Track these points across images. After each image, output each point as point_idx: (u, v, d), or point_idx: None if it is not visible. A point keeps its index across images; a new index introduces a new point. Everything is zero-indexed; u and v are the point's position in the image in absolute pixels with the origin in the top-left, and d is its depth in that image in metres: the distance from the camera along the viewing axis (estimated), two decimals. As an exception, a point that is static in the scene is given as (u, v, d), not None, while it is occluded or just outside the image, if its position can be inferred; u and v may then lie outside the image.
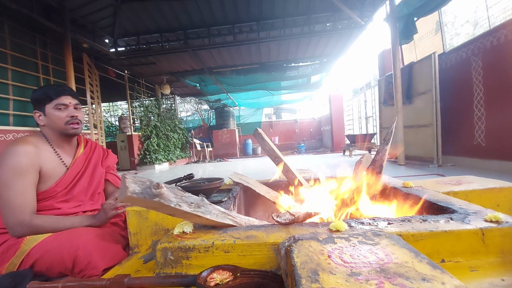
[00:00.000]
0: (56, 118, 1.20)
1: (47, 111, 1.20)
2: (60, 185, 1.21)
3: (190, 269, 0.71)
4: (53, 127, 1.22)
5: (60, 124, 1.20)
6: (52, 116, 1.20)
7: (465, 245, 0.67)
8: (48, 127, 1.22)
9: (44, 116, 1.21)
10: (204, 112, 14.68)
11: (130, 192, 0.60)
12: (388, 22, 4.65)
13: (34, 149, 1.15)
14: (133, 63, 6.88)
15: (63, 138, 1.26)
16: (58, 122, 1.20)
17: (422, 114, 4.39)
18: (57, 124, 1.20)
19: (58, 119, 1.20)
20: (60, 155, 1.25)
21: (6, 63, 4.01)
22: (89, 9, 4.75)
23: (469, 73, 3.70)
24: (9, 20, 4.06)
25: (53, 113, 1.20)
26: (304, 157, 8.51)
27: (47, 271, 1.06)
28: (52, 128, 1.22)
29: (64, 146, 1.28)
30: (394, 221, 0.76)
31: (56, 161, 1.22)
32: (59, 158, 1.24)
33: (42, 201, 1.17)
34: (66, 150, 1.29)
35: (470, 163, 3.79)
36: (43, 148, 1.20)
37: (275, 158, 1.54)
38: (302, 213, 0.86)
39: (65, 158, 1.27)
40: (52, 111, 1.20)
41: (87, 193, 1.31)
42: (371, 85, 8.49)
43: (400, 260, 0.51)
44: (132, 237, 1.14)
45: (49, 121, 1.20)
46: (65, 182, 1.22)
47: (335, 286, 0.44)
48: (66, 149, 1.28)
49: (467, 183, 1.19)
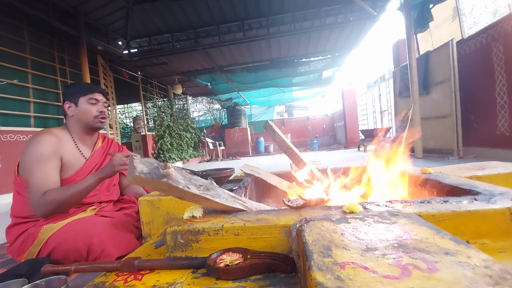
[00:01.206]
0: (87, 110, 1.29)
1: (80, 103, 1.28)
2: (79, 175, 1.26)
3: (200, 252, 0.70)
4: (80, 119, 1.29)
5: (89, 116, 1.29)
6: (84, 108, 1.28)
7: (491, 226, 0.62)
8: (75, 118, 1.29)
9: (75, 108, 1.28)
10: (216, 111, 14.78)
11: (138, 172, 0.60)
12: (402, 11, 4.49)
13: (56, 139, 1.21)
14: (146, 64, 7.01)
15: (86, 130, 1.33)
16: (88, 114, 1.29)
17: (441, 105, 4.21)
18: (86, 115, 1.29)
19: (88, 112, 1.29)
20: (80, 148, 1.32)
21: (26, 67, 4.19)
22: (102, 12, 4.87)
23: (490, 60, 3.51)
24: (28, 26, 4.24)
25: (85, 105, 1.28)
26: (318, 154, 8.40)
27: (64, 259, 1.08)
28: (79, 120, 1.29)
29: (85, 139, 1.35)
30: (413, 202, 0.72)
31: (76, 152, 1.29)
32: (78, 150, 1.30)
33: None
34: (87, 143, 1.36)
35: (494, 154, 3.59)
36: (65, 139, 1.26)
37: (286, 149, 1.51)
38: (314, 198, 0.83)
39: (85, 151, 1.34)
40: (84, 104, 1.29)
41: (103, 184, 1.35)
42: (386, 77, 8.24)
43: (420, 237, 0.48)
44: (144, 226, 1.15)
45: (79, 112, 1.28)
46: (84, 172, 1.28)
47: (349, 260, 0.41)
48: (86, 142, 1.35)
49: (491, 167, 1.12)
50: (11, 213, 1.21)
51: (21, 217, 1.17)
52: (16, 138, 3.83)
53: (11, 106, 3.92)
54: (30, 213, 1.17)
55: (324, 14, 5.54)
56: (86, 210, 1.25)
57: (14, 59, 4.00)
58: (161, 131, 7.80)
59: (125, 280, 0.63)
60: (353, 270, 0.39)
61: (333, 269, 0.39)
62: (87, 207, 1.27)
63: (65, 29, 4.45)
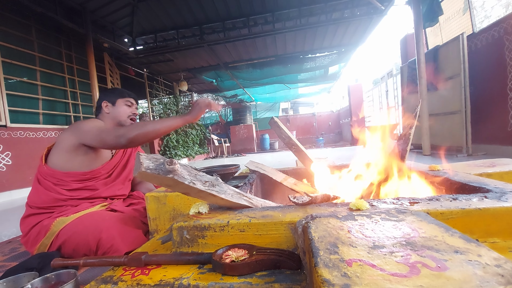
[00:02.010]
0: (123, 110, 1.45)
1: (118, 103, 1.45)
2: (105, 168, 1.35)
3: (206, 248, 0.70)
4: (115, 116, 1.44)
5: (123, 115, 1.45)
6: (121, 108, 1.45)
7: (502, 224, 0.61)
8: (110, 116, 1.44)
9: (112, 107, 1.44)
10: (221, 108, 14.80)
11: (144, 168, 0.60)
12: (410, 5, 4.39)
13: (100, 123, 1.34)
14: (151, 61, 7.04)
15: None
16: (123, 113, 1.45)
17: (449, 101, 4.13)
18: (121, 114, 1.45)
19: (124, 111, 1.46)
20: None
21: (35, 64, 4.25)
22: (108, 10, 4.90)
23: (502, 54, 3.42)
24: (36, 23, 4.29)
25: (122, 106, 1.46)
26: (323, 151, 8.35)
27: (74, 253, 1.11)
28: (114, 117, 1.44)
29: None
30: (421, 200, 0.71)
31: None
32: None
33: (86, 181, 1.28)
34: None
35: (504, 152, 3.52)
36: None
37: (292, 145, 1.51)
38: (320, 195, 0.83)
39: None
40: (122, 104, 1.46)
41: (119, 176, 1.43)
42: (393, 73, 8.11)
43: (429, 235, 0.47)
44: (151, 222, 1.16)
45: (115, 111, 1.44)
46: (108, 166, 1.38)
47: (356, 257, 0.41)
48: None
49: (502, 164, 1.09)
50: (27, 203, 1.26)
51: (36, 207, 1.21)
52: (26, 135, 3.90)
53: (21, 104, 3.99)
54: (46, 204, 1.21)
55: (330, 9, 5.47)
56: (96, 205, 1.28)
57: (22, 57, 4.06)
58: (167, 128, 7.85)
59: (133, 274, 0.64)
60: (360, 267, 0.38)
61: (339, 266, 0.39)
62: (98, 203, 1.29)
63: (72, 26, 4.49)
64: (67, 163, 1.24)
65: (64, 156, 1.23)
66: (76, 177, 1.25)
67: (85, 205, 1.24)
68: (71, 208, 1.20)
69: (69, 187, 1.24)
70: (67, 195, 1.22)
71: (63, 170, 1.24)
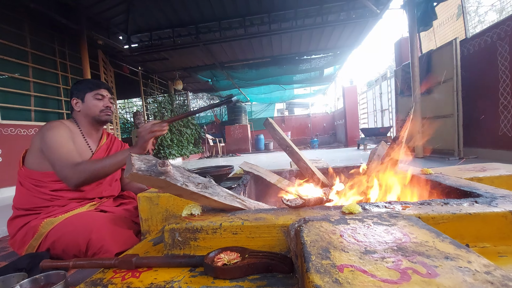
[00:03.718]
0: (94, 105, 1.33)
1: (86, 99, 1.33)
2: None
3: (198, 250, 0.70)
4: (87, 113, 1.33)
5: (96, 111, 1.33)
6: (90, 103, 1.33)
7: (492, 229, 0.62)
8: (82, 113, 1.34)
9: (82, 103, 1.33)
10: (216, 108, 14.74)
11: (136, 169, 0.59)
12: (405, 9, 4.44)
13: (69, 130, 1.27)
14: (146, 59, 6.97)
15: (93, 125, 1.36)
16: (95, 109, 1.33)
17: (442, 104, 4.19)
18: (93, 110, 1.33)
19: (95, 107, 1.33)
20: (88, 141, 1.36)
21: (27, 61, 4.17)
22: (103, 6, 4.83)
23: (495, 59, 3.48)
24: (29, 19, 4.21)
25: (91, 101, 1.33)
26: (318, 152, 8.39)
27: (63, 254, 1.09)
28: (86, 114, 1.34)
29: (92, 133, 1.38)
30: (413, 204, 0.71)
31: (84, 145, 1.33)
32: (86, 143, 1.34)
33: None
34: (93, 137, 1.39)
35: (495, 155, 3.58)
36: (75, 132, 1.31)
37: (286, 147, 1.51)
38: (313, 198, 0.83)
39: (91, 144, 1.37)
40: (91, 99, 1.33)
41: (106, 180, 1.37)
42: (387, 76, 8.20)
43: (420, 240, 0.47)
44: (143, 223, 1.15)
45: (85, 107, 1.33)
46: None
47: (347, 263, 0.41)
48: (93, 136, 1.39)
49: (492, 169, 1.11)
50: (13, 205, 1.23)
51: (23, 209, 1.18)
52: (17, 132, 3.82)
53: (12, 100, 3.91)
54: (31, 205, 1.18)
55: (326, 11, 5.49)
56: (85, 206, 1.25)
57: (15, 53, 3.98)
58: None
59: (123, 277, 0.63)
60: (352, 273, 0.38)
61: (331, 272, 0.39)
62: (87, 203, 1.26)
63: (66, 22, 4.42)
64: (43, 164, 1.19)
65: (39, 157, 1.19)
66: (54, 177, 1.20)
67: (73, 205, 1.20)
68: (59, 208, 1.16)
69: (50, 187, 1.19)
70: (51, 195, 1.19)
71: (41, 171, 1.20)
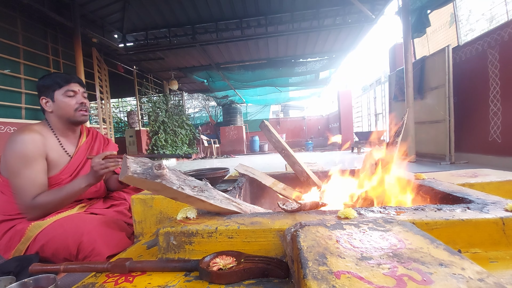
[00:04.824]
0: (66, 104, 1.19)
1: (56, 98, 1.18)
2: (65, 173, 1.21)
3: (193, 254, 0.69)
4: (61, 114, 1.20)
5: (69, 111, 1.19)
6: (62, 102, 1.18)
7: (483, 235, 0.63)
8: (55, 114, 1.21)
9: (52, 103, 1.19)
10: (212, 108, 14.69)
11: (131, 172, 0.58)
12: (400, 16, 4.52)
13: (40, 137, 1.14)
14: (142, 59, 6.92)
15: (69, 126, 1.25)
16: (68, 109, 1.19)
17: (434, 110, 4.27)
18: (66, 110, 1.19)
19: (67, 106, 1.19)
20: (63, 144, 1.24)
21: (19, 57, 4.09)
22: (98, 4, 4.78)
23: (485, 67, 3.57)
24: (22, 15, 4.13)
25: (62, 100, 1.18)
26: (312, 154, 8.43)
27: (53, 257, 1.06)
28: (60, 115, 1.20)
29: (69, 134, 1.27)
30: (407, 209, 0.72)
31: (59, 150, 1.22)
32: (62, 148, 1.23)
33: (49, 187, 1.17)
34: (70, 138, 1.28)
35: (485, 160, 3.66)
36: (48, 137, 1.19)
37: (282, 150, 1.51)
38: (309, 202, 0.83)
39: (68, 147, 1.26)
40: (61, 98, 1.18)
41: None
42: (381, 81, 8.31)
43: (415, 246, 0.48)
44: (136, 225, 1.13)
45: (57, 107, 1.19)
46: (69, 171, 1.22)
47: (344, 269, 0.41)
48: (70, 137, 1.28)
49: (483, 175, 1.13)
50: None
51: (8, 215, 1.13)
52: (6, 130, 3.73)
53: (2, 97, 3.82)
54: (17, 211, 1.12)
55: (322, 15, 5.55)
56: (75, 208, 1.22)
57: (6, 49, 3.89)
58: (156, 127, 7.73)
59: (116, 281, 0.62)
60: (349, 280, 0.38)
61: (328, 278, 0.39)
62: (76, 204, 1.23)
63: (60, 19, 4.35)
64: None
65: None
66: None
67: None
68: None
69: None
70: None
71: None
